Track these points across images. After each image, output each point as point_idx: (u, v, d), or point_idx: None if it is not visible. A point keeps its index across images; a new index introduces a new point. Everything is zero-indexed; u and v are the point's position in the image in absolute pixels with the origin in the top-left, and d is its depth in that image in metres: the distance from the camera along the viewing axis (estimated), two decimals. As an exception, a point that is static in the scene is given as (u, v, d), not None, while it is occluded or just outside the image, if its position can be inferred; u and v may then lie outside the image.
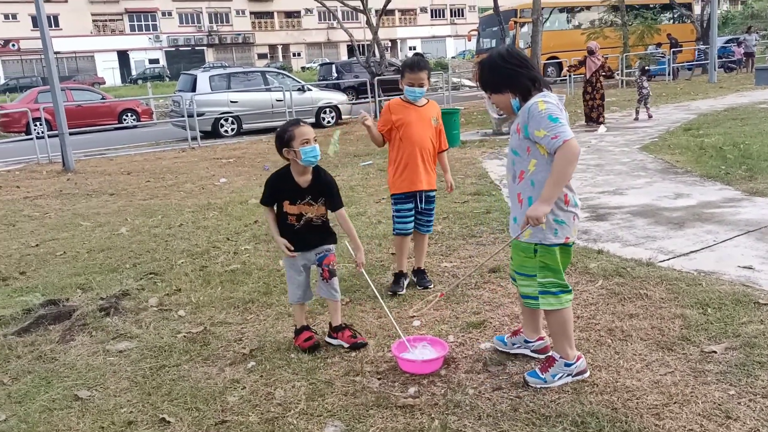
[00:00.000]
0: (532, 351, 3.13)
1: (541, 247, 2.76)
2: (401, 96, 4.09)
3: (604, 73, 12.13)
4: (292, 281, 3.42)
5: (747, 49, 23.89)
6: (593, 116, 12.18)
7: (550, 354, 2.94)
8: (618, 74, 12.44)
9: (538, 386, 2.84)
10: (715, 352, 3.03)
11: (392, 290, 4.16)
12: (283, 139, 3.17)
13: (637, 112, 12.60)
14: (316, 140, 3.21)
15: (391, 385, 2.97)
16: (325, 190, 3.34)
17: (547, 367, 2.86)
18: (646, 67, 13.30)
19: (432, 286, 4.22)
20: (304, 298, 3.45)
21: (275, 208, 3.36)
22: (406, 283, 4.23)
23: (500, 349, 3.21)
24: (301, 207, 3.29)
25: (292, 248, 3.30)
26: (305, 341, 3.37)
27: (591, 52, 12.12)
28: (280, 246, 3.33)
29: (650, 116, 12.51)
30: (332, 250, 3.44)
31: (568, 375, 2.85)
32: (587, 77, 12.17)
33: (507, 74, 2.73)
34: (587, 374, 2.90)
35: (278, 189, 3.29)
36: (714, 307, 3.51)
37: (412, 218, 4.15)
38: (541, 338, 3.14)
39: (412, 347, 3.20)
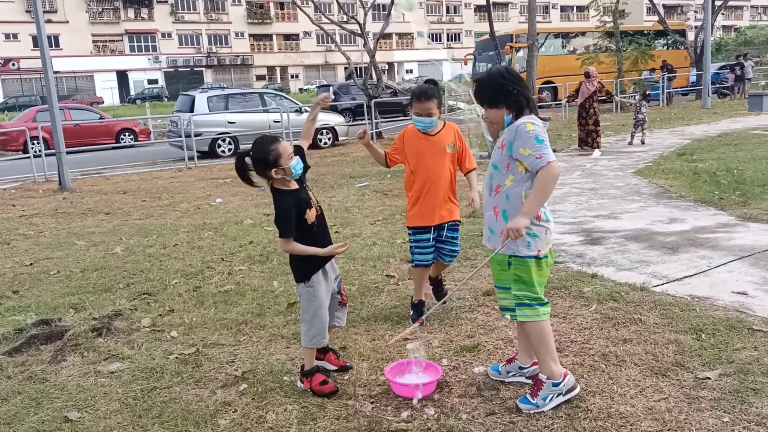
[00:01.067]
0: (527, 378, 3.10)
1: (514, 260, 2.82)
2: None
3: (601, 97, 12.25)
4: (321, 317, 3.10)
5: (746, 75, 24.22)
6: (588, 141, 12.22)
7: (537, 376, 2.91)
8: (614, 96, 12.57)
9: (531, 412, 2.82)
10: (709, 378, 3.02)
11: (413, 319, 3.94)
12: (269, 161, 2.95)
13: (632, 137, 12.69)
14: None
15: (384, 409, 2.95)
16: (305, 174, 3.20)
17: (537, 391, 2.85)
18: (647, 92, 13.46)
19: (447, 299, 4.07)
20: (326, 338, 3.18)
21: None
22: (425, 310, 4.02)
23: (495, 378, 3.17)
24: (313, 210, 3.14)
25: (339, 249, 3.12)
26: (322, 384, 3.10)
27: (587, 76, 12.20)
28: (333, 251, 3.10)
29: (643, 142, 12.58)
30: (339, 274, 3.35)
31: (559, 395, 2.84)
32: (580, 102, 12.27)
33: (505, 90, 2.82)
34: (578, 390, 2.90)
35: (293, 209, 3.03)
36: (708, 333, 3.51)
37: (431, 249, 3.92)
38: (536, 363, 3.10)
39: (406, 371, 3.18)
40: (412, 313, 4.05)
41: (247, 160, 3.05)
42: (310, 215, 3.11)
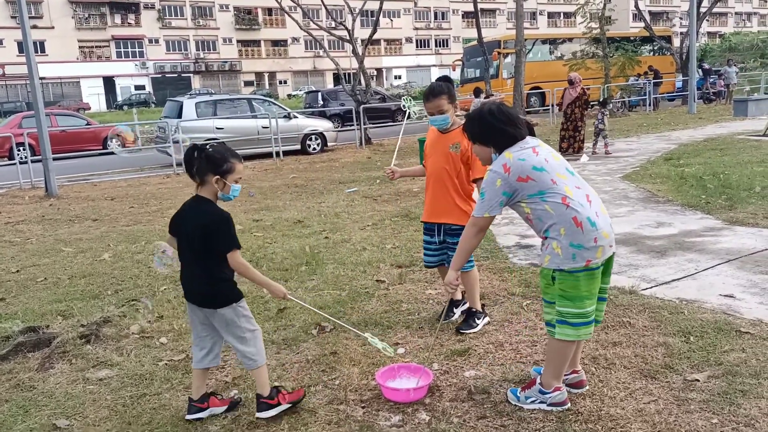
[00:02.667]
0: (567, 384, 3.01)
1: (559, 274, 2.74)
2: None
3: (580, 105, 12.22)
4: (258, 332, 2.99)
5: (727, 81, 24.53)
6: (563, 146, 12.25)
7: (535, 377, 2.96)
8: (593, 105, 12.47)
9: (512, 402, 2.92)
10: (697, 380, 3.05)
11: (446, 319, 3.98)
12: (220, 167, 2.82)
13: (594, 145, 12.50)
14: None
15: (375, 414, 2.94)
16: None
17: (527, 387, 2.94)
18: (606, 100, 13.23)
19: (472, 331, 3.85)
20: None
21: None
22: (458, 310, 4.09)
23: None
24: None
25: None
26: (291, 393, 3.03)
27: (570, 83, 12.32)
28: (279, 292, 2.98)
29: (607, 152, 12.20)
30: None
31: (541, 402, 2.88)
32: (562, 108, 12.38)
33: (494, 130, 2.85)
34: (566, 407, 2.87)
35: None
36: (696, 336, 3.54)
37: (433, 252, 3.94)
38: (576, 371, 3.05)
39: (397, 376, 3.18)
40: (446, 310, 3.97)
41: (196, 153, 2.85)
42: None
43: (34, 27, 45.25)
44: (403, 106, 3.94)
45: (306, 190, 9.99)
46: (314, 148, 16.71)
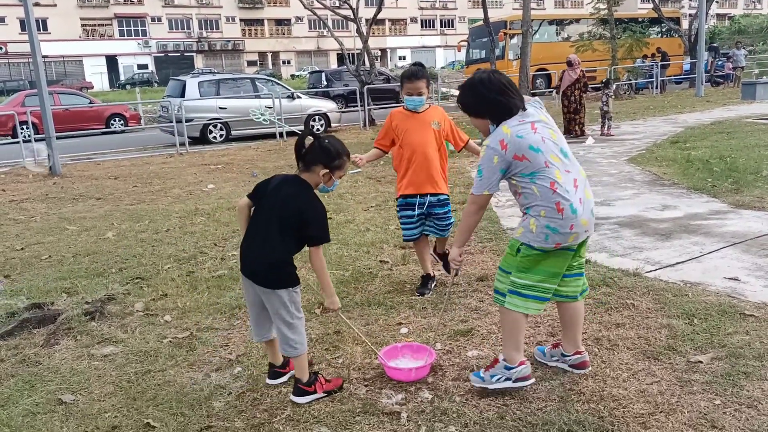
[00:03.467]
0: (570, 365, 3.04)
1: (525, 248, 2.77)
2: (403, 105, 4.15)
3: (579, 87, 12.14)
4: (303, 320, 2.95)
5: (735, 64, 24.29)
6: (570, 128, 12.23)
7: (497, 356, 2.94)
8: (591, 88, 12.25)
9: (477, 385, 2.88)
10: (701, 362, 3.05)
11: (419, 292, 4.20)
12: (333, 162, 2.83)
13: (602, 127, 12.43)
14: None
15: (378, 392, 2.96)
16: None
17: (489, 367, 2.90)
18: (609, 80, 13.17)
19: (429, 294, 4.21)
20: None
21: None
22: (432, 285, 4.29)
23: (539, 359, 3.16)
24: None
25: None
26: (328, 382, 2.98)
27: (569, 65, 12.23)
28: (335, 305, 2.93)
29: (609, 134, 12.15)
30: None
31: (507, 379, 2.84)
32: (562, 90, 12.31)
33: (487, 101, 2.80)
34: (530, 382, 2.87)
35: None
36: (700, 318, 3.53)
37: (414, 225, 4.17)
38: (579, 352, 3.04)
39: (400, 355, 3.19)
40: (419, 285, 4.29)
41: (307, 141, 2.86)
42: None
43: (36, 4, 44.94)
44: (254, 117, 4.09)
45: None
46: (318, 129, 16.64)
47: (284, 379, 3.09)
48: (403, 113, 4.14)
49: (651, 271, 4.41)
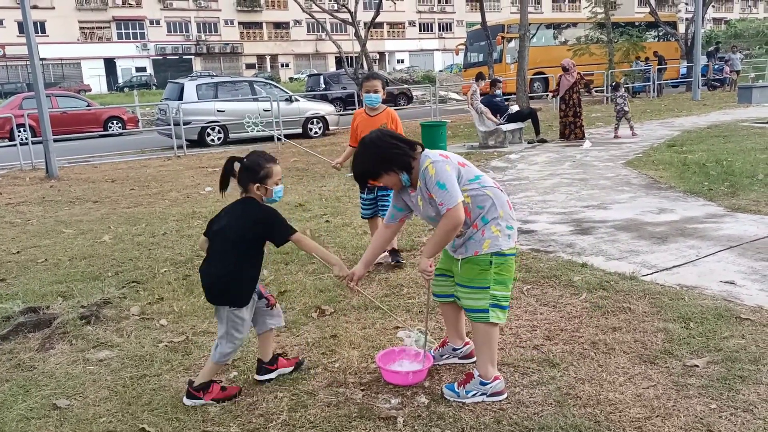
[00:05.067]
0: (461, 358, 3.22)
1: (496, 257, 2.78)
2: (363, 107, 4.99)
3: (581, 88, 12.27)
4: (243, 338, 3.01)
5: (732, 67, 24.38)
6: (566, 133, 12.36)
7: (470, 370, 2.94)
8: (595, 91, 12.34)
9: (452, 399, 2.87)
10: (697, 366, 3.05)
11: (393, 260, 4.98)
12: (258, 175, 2.94)
13: (616, 129, 12.58)
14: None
15: (375, 397, 2.95)
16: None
17: (465, 382, 2.89)
18: (616, 83, 13.30)
19: (404, 262, 4.93)
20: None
21: (258, 246, 3.02)
22: (398, 257, 5.01)
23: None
24: None
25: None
26: (223, 390, 3.00)
27: (565, 69, 12.34)
28: (345, 270, 3.01)
29: (633, 133, 12.42)
30: None
31: (482, 394, 2.85)
32: (560, 95, 12.42)
33: (387, 155, 2.78)
34: (504, 396, 2.86)
35: None
36: (696, 322, 3.53)
37: (366, 205, 4.97)
38: (467, 343, 3.22)
39: (397, 359, 3.19)
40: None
41: (236, 165, 3.00)
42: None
43: (35, 7, 44.88)
44: (247, 126, 5.01)
45: (307, 173, 9.96)
46: (316, 132, 16.65)
47: (272, 375, 3.13)
48: (362, 115, 4.96)
49: (647, 274, 4.41)
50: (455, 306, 3.07)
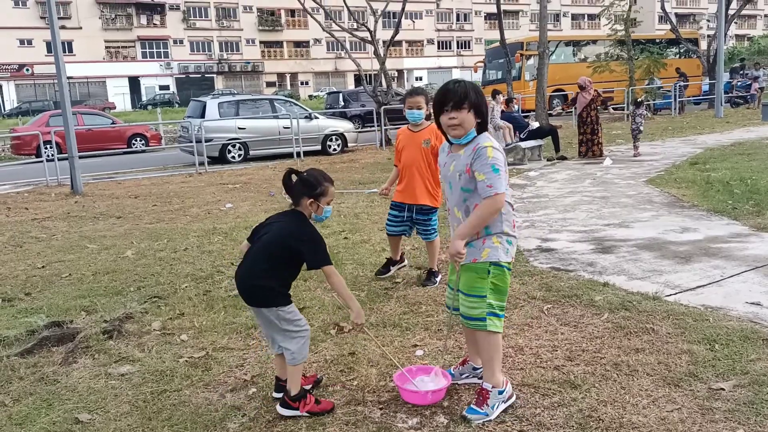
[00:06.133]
0: (479, 378, 3.14)
1: (494, 268, 2.86)
2: (408, 124, 4.86)
3: (597, 107, 12.22)
4: (301, 323, 3.05)
5: (759, 84, 24.12)
6: (583, 150, 12.32)
7: (482, 387, 2.94)
8: (613, 108, 12.29)
9: (481, 421, 2.83)
10: (723, 389, 2.98)
11: (378, 273, 5.00)
12: (315, 191, 2.98)
13: (636, 148, 12.46)
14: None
15: (393, 416, 2.93)
16: None
17: (484, 401, 2.89)
18: (639, 100, 13.22)
19: (433, 285, 4.79)
20: None
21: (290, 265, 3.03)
22: (394, 269, 5.04)
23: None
24: None
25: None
26: (317, 403, 3.01)
27: (582, 88, 12.34)
28: (361, 316, 3.02)
29: (637, 154, 12.13)
30: None
31: (503, 402, 2.92)
32: (578, 112, 12.42)
33: (485, 105, 2.93)
34: (515, 398, 2.99)
35: None
36: (721, 344, 3.47)
37: (397, 223, 4.88)
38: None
39: (415, 378, 3.17)
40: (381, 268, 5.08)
41: (293, 177, 3.05)
42: None
43: (63, 27, 46.01)
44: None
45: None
46: (335, 149, 16.76)
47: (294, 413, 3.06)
48: (405, 132, 4.85)
49: (671, 294, 4.35)
50: None
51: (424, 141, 4.67)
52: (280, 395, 3.12)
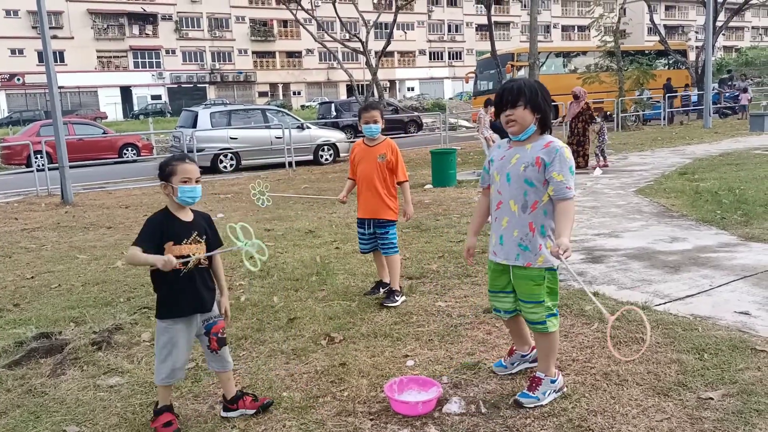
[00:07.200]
0: (531, 362, 3.35)
1: (549, 273, 3.00)
2: (363, 138, 4.81)
3: (583, 120, 12.24)
4: (172, 355, 2.91)
5: (749, 95, 24.43)
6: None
7: (535, 375, 3.09)
8: (599, 120, 12.37)
9: (532, 405, 2.99)
10: (712, 398, 3.00)
11: (365, 293, 4.89)
12: (164, 172, 2.90)
13: (604, 158, 12.42)
14: (198, 181, 2.93)
15: (384, 427, 2.93)
16: (208, 225, 3.04)
17: (536, 386, 3.03)
18: (608, 112, 13.31)
19: (394, 305, 4.57)
20: (179, 377, 3.03)
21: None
22: (380, 292, 4.84)
23: (501, 373, 3.37)
24: (189, 247, 2.89)
25: (179, 266, 2.80)
26: (165, 426, 2.91)
27: (575, 98, 12.43)
28: (161, 260, 2.73)
29: (598, 166, 12.09)
30: (221, 316, 3.07)
31: (554, 392, 3.06)
32: (567, 122, 12.52)
33: (546, 103, 2.98)
34: (566, 389, 3.13)
35: (160, 227, 2.86)
36: (710, 353, 3.49)
37: (366, 241, 4.83)
38: (533, 348, 3.36)
39: (406, 388, 3.17)
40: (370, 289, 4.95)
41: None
42: (173, 250, 2.82)
43: (54, 37, 45.98)
44: (256, 198, 4.81)
45: (317, 200, 10.02)
46: (327, 159, 16.79)
47: (233, 414, 3.09)
48: (360, 146, 4.81)
49: (660, 304, 4.37)
50: (516, 317, 3.24)
51: (380, 155, 4.65)
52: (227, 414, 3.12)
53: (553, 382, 3.05)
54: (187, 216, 2.97)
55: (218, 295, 3.08)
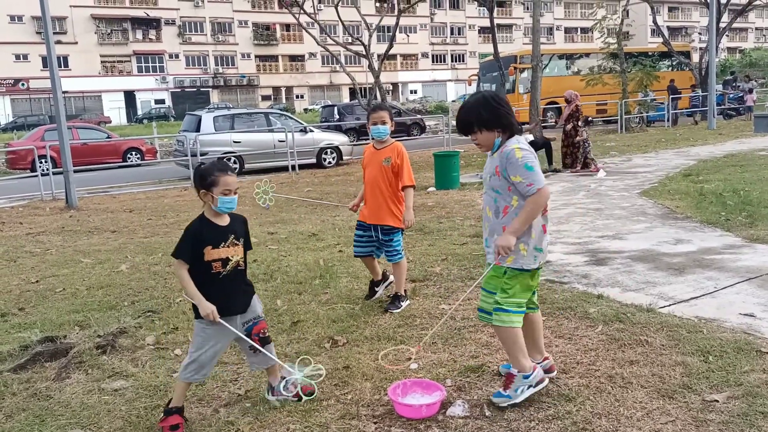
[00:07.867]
0: (544, 372, 3.24)
1: (510, 271, 3.00)
2: (373, 141, 4.69)
3: (574, 122, 12.18)
4: (205, 354, 2.99)
5: (754, 96, 24.37)
6: (566, 162, 12.35)
7: (509, 372, 3.08)
8: (581, 124, 12.25)
9: (505, 404, 2.99)
10: (716, 401, 2.99)
11: (366, 297, 4.87)
12: (205, 181, 2.99)
13: (594, 162, 12.25)
14: (236, 192, 3.04)
15: (387, 430, 2.92)
16: (244, 227, 3.16)
17: (509, 384, 3.03)
18: (588, 118, 13.19)
19: (398, 311, 4.54)
20: (204, 374, 3.09)
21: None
22: (380, 290, 4.88)
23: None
24: (226, 250, 3.01)
25: (217, 315, 2.93)
26: (172, 429, 2.95)
27: (567, 101, 12.44)
28: (205, 309, 2.89)
29: (577, 170, 12.02)
30: (262, 316, 3.18)
31: (530, 386, 3.03)
32: (560, 124, 12.54)
33: (500, 114, 2.98)
34: (546, 382, 3.11)
35: (196, 236, 2.97)
36: (715, 355, 3.47)
37: (363, 244, 4.73)
38: (546, 358, 3.33)
39: (410, 392, 3.16)
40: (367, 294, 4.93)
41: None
42: (212, 254, 2.96)
43: (58, 42, 46.23)
44: (258, 197, 4.49)
45: (322, 204, 10.02)
46: (330, 162, 16.81)
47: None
48: (370, 150, 4.68)
49: (665, 306, 4.36)
50: (533, 317, 3.27)
51: (385, 159, 4.51)
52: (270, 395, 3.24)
53: (526, 377, 3.02)
54: (223, 221, 3.07)
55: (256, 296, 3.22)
